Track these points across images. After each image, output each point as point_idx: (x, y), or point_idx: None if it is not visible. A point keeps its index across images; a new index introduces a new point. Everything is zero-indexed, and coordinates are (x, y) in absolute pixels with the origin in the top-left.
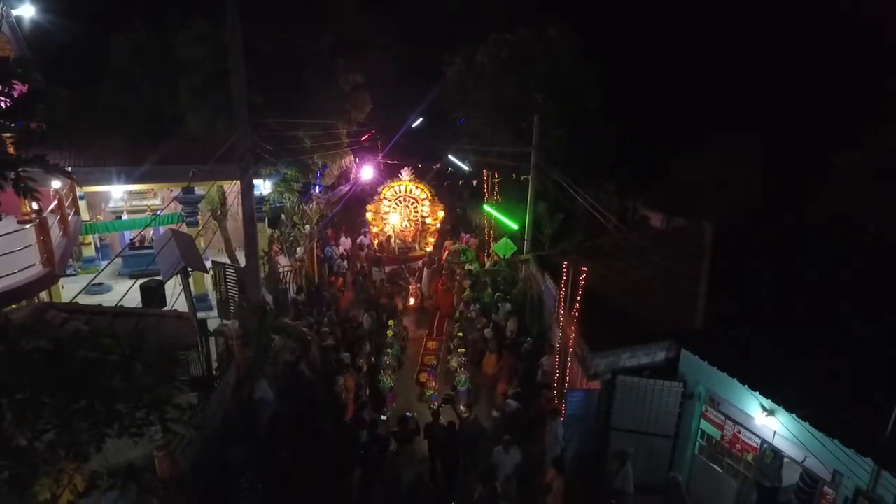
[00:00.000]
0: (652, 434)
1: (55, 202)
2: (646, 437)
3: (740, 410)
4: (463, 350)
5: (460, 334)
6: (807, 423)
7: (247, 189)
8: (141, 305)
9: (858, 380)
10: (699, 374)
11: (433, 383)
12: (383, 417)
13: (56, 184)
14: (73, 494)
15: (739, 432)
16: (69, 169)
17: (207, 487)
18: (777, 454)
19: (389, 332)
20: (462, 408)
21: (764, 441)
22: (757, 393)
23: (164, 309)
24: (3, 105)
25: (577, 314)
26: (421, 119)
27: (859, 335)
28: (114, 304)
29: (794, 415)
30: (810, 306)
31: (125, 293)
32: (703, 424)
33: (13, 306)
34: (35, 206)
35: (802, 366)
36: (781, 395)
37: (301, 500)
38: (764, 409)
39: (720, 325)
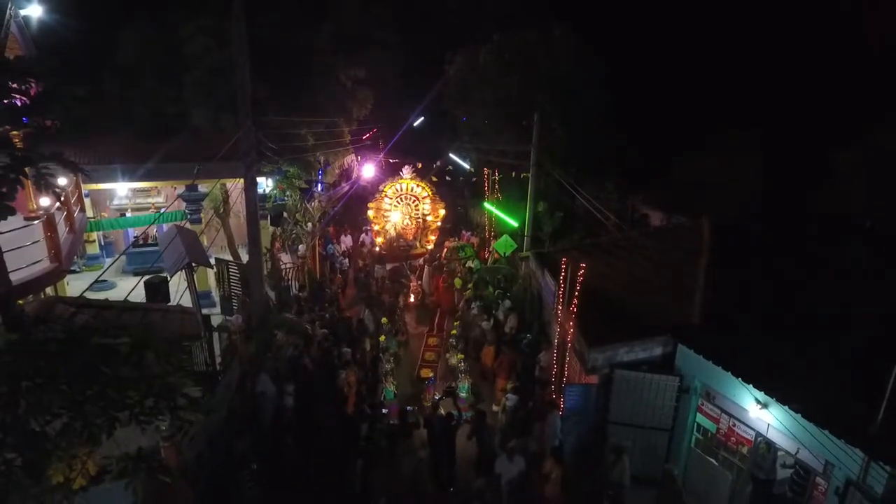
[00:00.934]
0: (649, 427)
1: (61, 199)
2: (643, 431)
3: (735, 404)
4: (462, 356)
5: (454, 332)
6: (799, 416)
7: (250, 186)
8: (145, 301)
9: (850, 373)
10: (695, 369)
11: (433, 393)
12: (384, 410)
13: (62, 181)
14: (86, 479)
15: (734, 425)
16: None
17: (212, 477)
18: (771, 447)
19: (382, 337)
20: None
21: (758, 434)
22: (750, 386)
23: (168, 304)
24: (18, 103)
25: (575, 310)
26: (422, 118)
27: (851, 330)
28: (118, 300)
29: (786, 407)
30: (805, 302)
31: (132, 289)
32: (699, 418)
33: (21, 302)
34: (46, 201)
35: (796, 360)
36: (774, 388)
37: (303, 491)
38: (758, 402)
39: (716, 321)
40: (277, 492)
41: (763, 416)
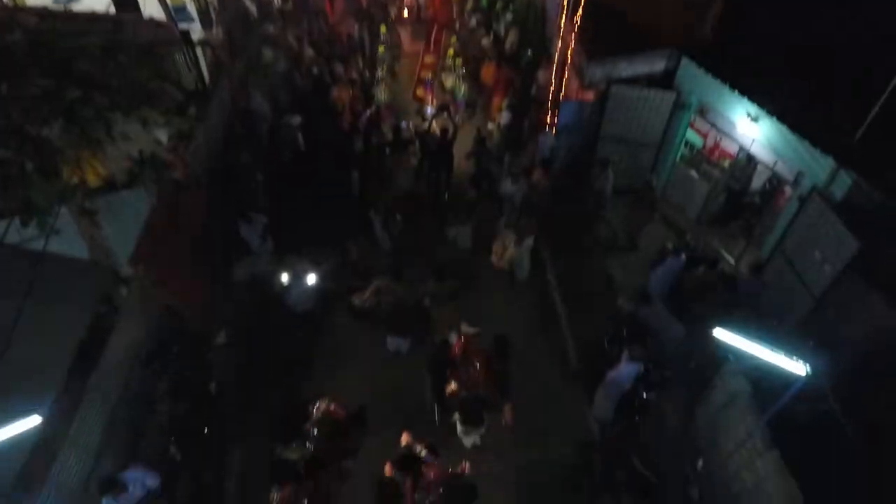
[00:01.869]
0: (638, 143)
1: None
2: (632, 146)
3: (726, 119)
4: (460, 61)
5: (451, 52)
6: (784, 128)
7: None
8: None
9: (846, 95)
10: (694, 84)
11: (430, 97)
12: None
13: None
14: (99, 180)
15: (721, 140)
16: None
17: (219, 186)
18: (752, 160)
19: (381, 49)
20: (457, 118)
21: (742, 148)
22: (745, 98)
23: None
24: None
25: (578, 22)
26: None
27: (862, 58)
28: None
29: (773, 118)
30: (820, 32)
31: None
32: (689, 134)
33: None
34: None
35: (795, 81)
36: (767, 101)
37: (304, 197)
38: (748, 115)
39: (726, 39)
40: (280, 197)
41: (750, 132)
